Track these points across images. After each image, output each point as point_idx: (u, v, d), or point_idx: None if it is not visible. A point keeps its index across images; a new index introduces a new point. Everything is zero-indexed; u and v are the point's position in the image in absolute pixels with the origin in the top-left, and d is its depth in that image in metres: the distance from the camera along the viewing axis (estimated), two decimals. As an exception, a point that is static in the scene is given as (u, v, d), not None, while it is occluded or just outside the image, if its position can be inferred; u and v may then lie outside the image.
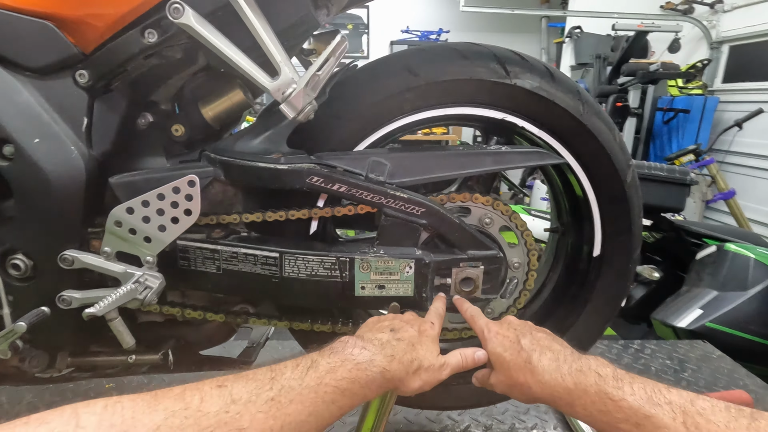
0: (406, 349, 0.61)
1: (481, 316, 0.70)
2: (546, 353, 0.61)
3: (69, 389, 1.25)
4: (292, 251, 0.74)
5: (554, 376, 0.58)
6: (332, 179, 0.71)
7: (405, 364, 0.59)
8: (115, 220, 0.72)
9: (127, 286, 0.68)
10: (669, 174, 2.04)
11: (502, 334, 0.65)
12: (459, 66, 0.77)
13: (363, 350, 0.58)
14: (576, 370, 0.58)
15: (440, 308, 0.73)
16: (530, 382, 0.60)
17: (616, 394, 0.53)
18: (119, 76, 0.75)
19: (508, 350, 0.63)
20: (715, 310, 1.77)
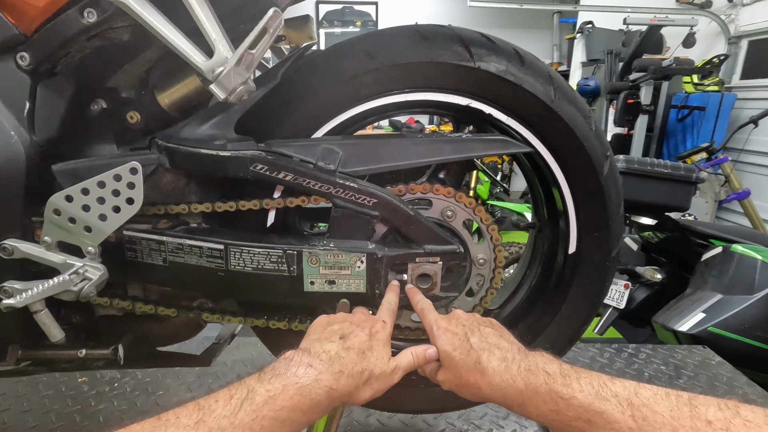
0: (356, 360, 0.57)
1: (431, 311, 0.66)
2: (495, 352, 0.59)
3: (42, 382, 1.24)
4: (236, 243, 0.70)
5: (504, 378, 0.56)
6: (277, 167, 0.67)
7: (355, 377, 0.56)
8: (54, 209, 0.69)
9: (57, 278, 0.65)
10: (673, 171, 1.95)
11: (451, 331, 0.62)
12: (419, 48, 0.72)
13: (308, 368, 0.53)
14: (525, 369, 0.56)
15: (393, 302, 0.68)
16: (480, 384, 0.58)
17: (566, 392, 0.52)
18: (63, 59, 0.72)
19: (457, 349, 0.60)
20: (719, 314, 1.68)
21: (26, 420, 1.10)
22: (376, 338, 0.61)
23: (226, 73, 0.58)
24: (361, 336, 0.60)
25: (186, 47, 0.60)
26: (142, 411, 1.15)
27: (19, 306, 0.63)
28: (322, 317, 0.64)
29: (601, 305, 0.87)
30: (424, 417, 1.13)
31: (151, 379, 1.26)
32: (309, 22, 1.00)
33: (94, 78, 0.79)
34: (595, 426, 0.50)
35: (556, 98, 0.74)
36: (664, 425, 0.47)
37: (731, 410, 0.46)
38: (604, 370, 1.36)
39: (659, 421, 0.47)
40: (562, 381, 0.53)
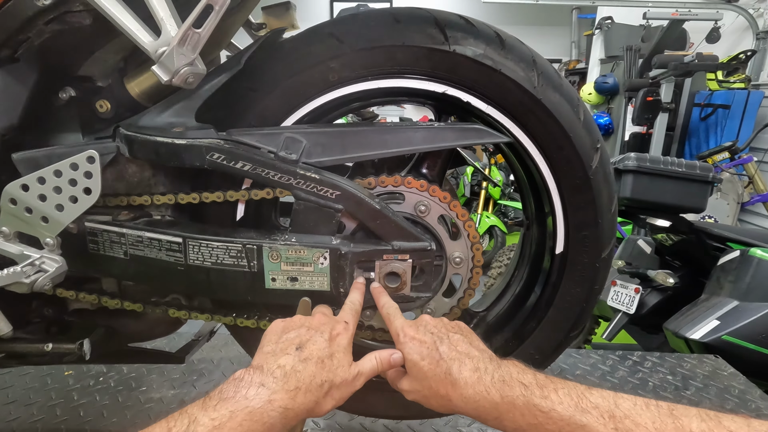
0: (315, 372, 0.52)
1: (398, 316, 0.61)
2: (466, 362, 0.55)
3: (29, 374, 1.24)
4: (195, 236, 0.67)
5: (477, 390, 0.53)
6: (235, 156, 0.64)
7: (313, 391, 0.52)
8: (10, 198, 0.67)
9: (7, 270, 0.63)
10: (688, 171, 1.85)
11: (419, 339, 0.58)
12: (390, 31, 0.68)
13: (260, 388, 0.49)
14: (499, 380, 0.53)
15: (357, 301, 0.64)
16: (451, 395, 0.54)
17: (545, 404, 0.50)
18: (23, 44, 0.70)
19: (425, 359, 0.56)
20: (734, 322, 1.58)
21: (9, 411, 1.10)
22: (336, 343, 0.57)
23: (168, 53, 0.54)
24: (319, 342, 0.55)
25: (132, 26, 0.57)
26: (125, 406, 1.13)
27: None
28: (276, 323, 0.60)
29: (591, 310, 0.81)
30: (408, 423, 1.08)
31: (136, 375, 1.25)
32: (290, 9, 0.97)
33: (62, 65, 0.77)
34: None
35: (539, 84, 0.68)
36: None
37: (713, 420, 0.44)
38: (605, 378, 1.29)
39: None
40: (539, 393, 0.51)
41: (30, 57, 0.72)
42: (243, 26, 0.97)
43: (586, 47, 6.17)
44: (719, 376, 1.32)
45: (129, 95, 0.79)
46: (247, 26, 0.99)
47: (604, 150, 0.73)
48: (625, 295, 2.07)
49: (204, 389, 1.20)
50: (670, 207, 1.91)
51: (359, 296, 0.65)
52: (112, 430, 1.04)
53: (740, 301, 1.63)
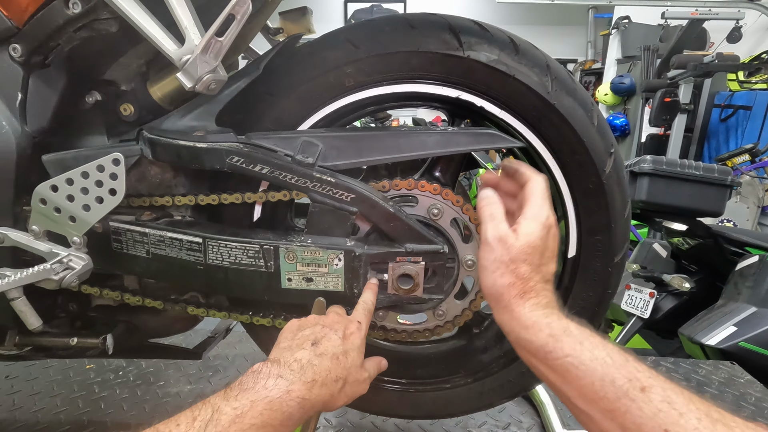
0: (330, 367, 0.54)
1: (545, 191, 0.61)
2: (531, 294, 0.56)
3: (53, 367, 1.29)
4: (214, 237, 0.69)
5: (543, 305, 0.55)
6: (253, 159, 0.66)
7: (329, 385, 0.54)
8: (40, 198, 0.70)
9: (38, 267, 0.66)
10: (706, 174, 1.82)
11: (542, 229, 0.57)
12: (405, 37, 0.69)
13: (279, 380, 0.51)
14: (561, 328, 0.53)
15: (369, 301, 0.65)
16: (530, 275, 0.56)
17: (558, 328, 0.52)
18: (53, 51, 0.73)
19: (536, 249, 0.57)
20: (752, 329, 1.55)
21: (34, 402, 1.14)
22: (350, 341, 0.58)
23: (192, 60, 0.56)
24: (334, 339, 0.57)
25: (157, 34, 0.59)
26: (143, 400, 1.17)
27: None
28: (292, 322, 0.62)
29: (603, 314, 0.81)
30: (419, 422, 1.09)
31: (154, 369, 1.28)
32: (307, 14, 0.99)
33: (89, 70, 0.80)
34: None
35: (552, 90, 0.69)
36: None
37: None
38: (618, 383, 1.27)
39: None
40: (558, 324, 0.52)
41: (59, 63, 0.75)
42: (261, 31, 1.00)
43: (603, 47, 6.09)
44: (735, 383, 1.30)
45: (151, 99, 0.82)
46: (265, 31, 1.01)
47: (618, 154, 0.73)
48: (640, 299, 2.05)
49: (219, 385, 1.23)
50: (687, 210, 1.89)
51: (372, 297, 0.66)
52: (131, 422, 1.07)
53: (758, 308, 1.61)
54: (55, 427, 1.05)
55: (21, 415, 1.09)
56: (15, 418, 1.08)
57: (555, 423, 1.07)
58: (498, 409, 1.13)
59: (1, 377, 1.22)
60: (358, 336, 0.60)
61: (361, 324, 0.61)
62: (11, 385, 1.20)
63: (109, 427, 1.06)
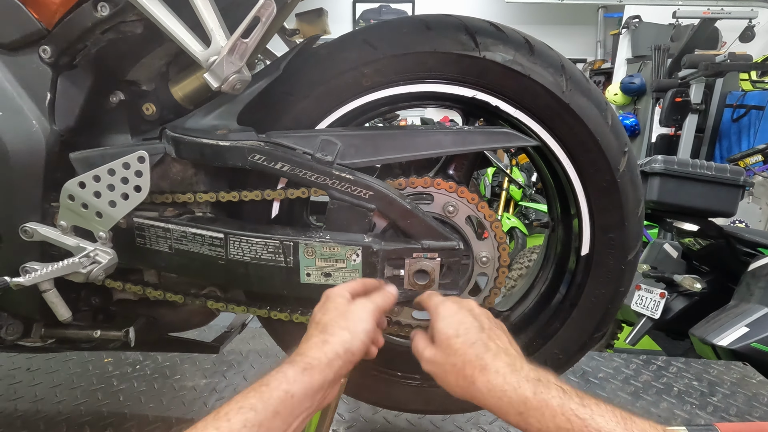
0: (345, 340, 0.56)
1: (437, 295, 0.64)
2: (502, 356, 0.54)
3: (72, 360, 1.32)
4: (235, 232, 0.71)
5: (508, 380, 0.52)
6: (275, 158, 0.67)
7: (342, 355, 0.55)
8: (69, 194, 0.72)
9: (67, 260, 0.68)
10: (718, 174, 1.81)
11: (459, 315, 0.58)
12: (421, 37, 0.70)
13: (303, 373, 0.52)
14: (534, 378, 0.52)
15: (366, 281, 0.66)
16: (477, 379, 0.53)
17: (584, 413, 0.47)
18: (81, 52, 0.75)
19: (461, 336, 0.56)
20: (764, 329, 1.54)
21: (55, 394, 1.17)
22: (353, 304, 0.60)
23: (218, 61, 0.58)
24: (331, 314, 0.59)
25: (184, 36, 0.61)
26: (160, 393, 1.19)
27: (27, 284, 0.67)
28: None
29: (616, 311, 0.82)
30: (431, 418, 1.10)
31: (170, 364, 1.31)
32: (322, 16, 1.01)
33: (113, 71, 0.82)
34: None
35: (567, 89, 0.70)
36: None
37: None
38: (629, 382, 1.28)
39: None
40: (579, 401, 0.49)
41: (87, 64, 0.77)
42: (277, 32, 1.02)
43: (612, 47, 6.05)
44: (747, 384, 1.29)
45: (172, 98, 0.84)
46: (282, 32, 1.03)
47: (631, 153, 0.74)
48: (650, 300, 2.04)
49: (233, 380, 1.25)
50: (699, 211, 1.88)
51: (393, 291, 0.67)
52: (149, 414, 1.10)
53: (771, 308, 1.59)
54: (76, 418, 1.08)
55: (43, 406, 1.12)
56: (37, 409, 1.11)
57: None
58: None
59: (23, 369, 1.25)
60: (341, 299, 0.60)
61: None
62: (33, 378, 1.23)
63: (128, 418, 1.09)
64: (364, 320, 0.57)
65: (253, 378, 1.24)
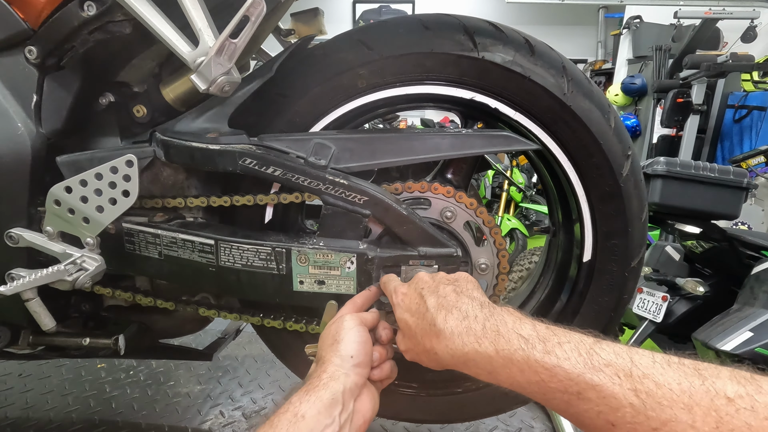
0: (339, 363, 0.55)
1: (393, 280, 0.62)
2: (453, 312, 0.51)
3: (65, 366, 1.30)
4: (226, 239, 0.69)
5: (466, 341, 0.48)
6: (266, 162, 0.65)
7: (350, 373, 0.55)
8: (55, 199, 0.70)
9: (52, 268, 0.66)
10: (721, 176, 1.78)
11: (409, 295, 0.57)
12: (419, 38, 0.68)
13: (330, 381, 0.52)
14: (492, 331, 0.48)
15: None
16: (436, 348, 0.51)
17: (549, 360, 0.44)
18: (68, 53, 0.73)
19: (413, 313, 0.54)
20: (769, 334, 1.52)
21: (46, 401, 1.15)
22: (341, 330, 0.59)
23: (206, 62, 0.56)
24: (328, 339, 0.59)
25: (172, 36, 0.59)
26: (154, 400, 1.17)
27: (8, 293, 0.65)
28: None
29: (619, 319, 0.79)
30: (429, 426, 1.08)
31: (164, 370, 1.29)
32: (318, 16, 0.99)
33: (103, 72, 0.80)
34: (586, 400, 0.42)
35: (569, 91, 0.68)
36: (674, 402, 0.38)
37: (752, 384, 0.37)
38: (631, 389, 1.26)
39: (668, 397, 0.38)
40: (541, 347, 0.45)
41: (74, 64, 0.75)
42: (272, 32, 1.00)
43: (613, 47, 6.02)
44: (752, 390, 1.27)
45: (164, 100, 0.82)
46: (277, 32, 1.01)
47: (635, 157, 0.72)
48: (652, 303, 2.02)
49: (229, 386, 1.23)
50: (702, 213, 1.85)
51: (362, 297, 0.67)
52: (142, 422, 1.08)
53: (776, 313, 1.57)
54: (67, 426, 1.06)
55: (34, 413, 1.10)
56: (28, 417, 1.09)
57: (567, 428, 1.06)
58: (509, 414, 1.12)
59: (15, 375, 1.23)
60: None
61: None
62: (24, 384, 1.21)
63: (120, 426, 1.07)
64: (349, 328, 0.58)
65: (249, 384, 1.23)
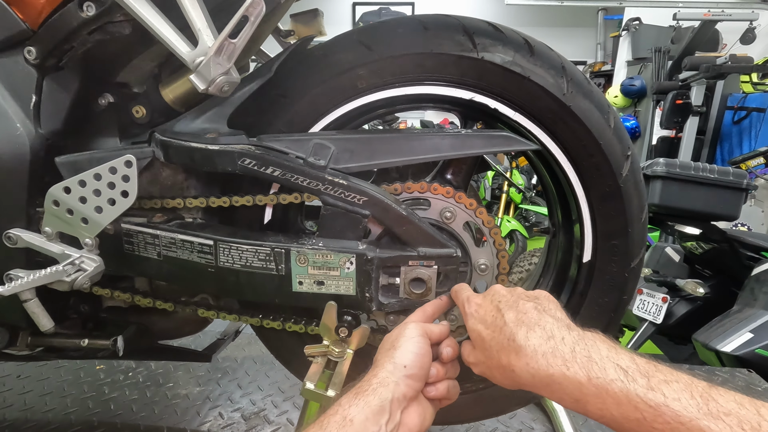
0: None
1: (465, 289, 0.61)
2: (536, 329, 0.48)
3: (63, 367, 1.29)
4: (225, 239, 0.68)
5: (552, 362, 0.45)
6: (266, 162, 0.65)
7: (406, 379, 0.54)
8: (53, 200, 0.70)
9: (50, 268, 0.66)
10: (721, 177, 1.79)
11: (484, 306, 0.55)
12: (418, 38, 0.68)
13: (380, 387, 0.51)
14: (583, 357, 0.44)
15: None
16: (514, 366, 0.48)
17: (654, 398, 0.40)
18: (67, 53, 0.73)
19: (489, 326, 0.52)
20: (769, 336, 1.52)
21: (45, 402, 1.15)
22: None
23: (205, 62, 0.56)
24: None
25: (171, 36, 0.59)
26: (152, 401, 1.17)
27: (6, 294, 0.65)
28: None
29: (620, 320, 0.79)
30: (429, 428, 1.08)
31: (163, 371, 1.29)
32: (318, 17, 0.99)
33: (102, 73, 0.80)
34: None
35: (568, 91, 0.68)
36: None
37: None
38: (631, 390, 1.25)
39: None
40: (644, 383, 0.41)
41: (73, 65, 0.75)
42: (272, 33, 1.00)
43: (612, 49, 6.04)
44: (753, 392, 1.27)
45: (163, 101, 0.82)
46: (276, 33, 1.01)
47: (634, 157, 0.72)
48: (652, 304, 2.02)
49: (228, 388, 1.22)
50: (701, 214, 1.85)
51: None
52: (141, 424, 1.07)
53: (776, 314, 1.57)
54: (66, 428, 1.05)
55: (32, 415, 1.09)
56: (27, 418, 1.08)
57: (567, 430, 1.05)
58: (509, 416, 1.11)
59: (13, 377, 1.23)
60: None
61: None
62: (23, 386, 1.20)
63: (119, 428, 1.06)
64: (410, 337, 0.56)
65: (248, 385, 1.23)
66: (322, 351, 0.65)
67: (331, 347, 0.65)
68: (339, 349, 0.65)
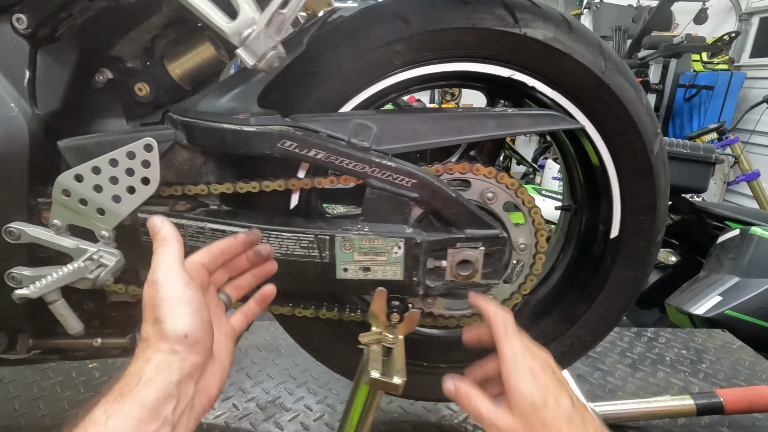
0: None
1: (516, 334, 0.55)
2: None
3: (51, 368, 1.20)
4: (264, 227, 0.64)
5: None
6: (308, 144, 0.61)
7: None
8: (63, 189, 0.63)
9: (73, 265, 0.60)
10: (692, 152, 1.90)
11: (545, 377, 0.51)
12: (458, 12, 0.65)
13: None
14: None
15: None
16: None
17: None
18: (64, 22, 0.65)
19: (551, 408, 0.49)
20: (736, 298, 1.66)
21: (38, 407, 1.06)
22: None
23: (255, 35, 0.51)
24: None
25: (205, 6, 0.53)
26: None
27: (34, 296, 0.58)
28: None
29: (640, 292, 0.83)
30: (448, 404, 1.10)
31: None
32: (328, -13, 0.93)
33: (98, 45, 0.72)
34: None
35: (606, 69, 0.68)
36: None
37: None
38: (625, 355, 1.34)
39: None
40: None
41: (70, 36, 0.67)
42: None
43: (574, 27, 6.17)
44: (729, 350, 1.39)
45: (168, 77, 0.75)
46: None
47: (662, 136, 0.74)
48: (627, 274, 2.14)
49: (234, 377, 1.19)
50: (675, 188, 1.96)
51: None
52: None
53: (741, 278, 1.71)
54: (67, 432, 0.98)
55: (26, 420, 1.01)
56: (20, 425, 1.00)
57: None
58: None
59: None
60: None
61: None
62: (8, 390, 1.11)
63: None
64: (173, 294, 0.47)
65: (257, 374, 1.19)
66: (377, 338, 0.63)
67: (384, 333, 0.64)
68: (392, 335, 0.64)
